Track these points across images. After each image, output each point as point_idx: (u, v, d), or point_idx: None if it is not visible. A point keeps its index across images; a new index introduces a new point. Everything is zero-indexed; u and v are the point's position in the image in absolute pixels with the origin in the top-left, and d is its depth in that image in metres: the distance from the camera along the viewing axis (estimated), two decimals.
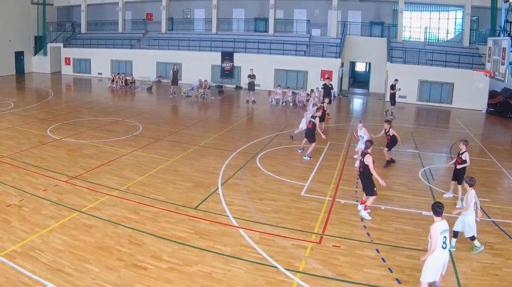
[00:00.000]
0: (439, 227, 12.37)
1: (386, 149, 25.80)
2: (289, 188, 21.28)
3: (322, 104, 31.23)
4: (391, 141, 25.55)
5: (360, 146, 24.69)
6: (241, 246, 15.42)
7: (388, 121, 25.88)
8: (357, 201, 20.03)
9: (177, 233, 16.06)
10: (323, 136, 26.94)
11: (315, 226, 17.39)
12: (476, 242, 15.75)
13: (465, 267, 14.77)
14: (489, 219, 18.79)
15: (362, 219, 18.16)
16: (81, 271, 13.15)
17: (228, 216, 17.80)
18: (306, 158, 26.10)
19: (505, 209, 20.22)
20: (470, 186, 15.69)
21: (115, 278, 12.95)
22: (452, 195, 21.09)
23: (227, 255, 14.68)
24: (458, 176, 20.30)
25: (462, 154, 20.37)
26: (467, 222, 15.52)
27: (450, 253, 14.71)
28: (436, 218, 12.53)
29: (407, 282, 13.69)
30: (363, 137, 25.05)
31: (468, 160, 20.21)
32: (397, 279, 13.75)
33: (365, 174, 18.36)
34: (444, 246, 12.38)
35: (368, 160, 17.85)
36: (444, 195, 21.26)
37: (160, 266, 13.75)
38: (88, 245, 14.77)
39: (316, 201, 20.00)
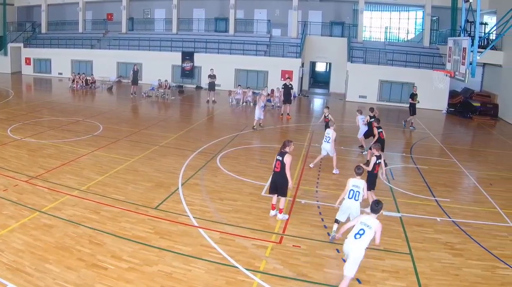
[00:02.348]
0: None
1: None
2: (249, 188, 21.33)
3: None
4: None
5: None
6: (202, 246, 15.43)
7: (327, 107, 26.69)
8: (317, 201, 20.28)
9: (138, 233, 16.03)
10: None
11: (276, 226, 17.46)
12: (335, 226, 16.62)
13: (425, 267, 14.94)
14: (450, 219, 19.11)
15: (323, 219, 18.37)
16: (41, 271, 13.09)
17: (188, 216, 17.80)
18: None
19: (465, 209, 20.52)
20: (357, 174, 16.67)
21: (76, 278, 12.90)
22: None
23: (187, 255, 14.68)
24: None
25: None
26: (342, 206, 16.71)
27: (411, 255, 15.13)
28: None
29: (367, 282, 13.86)
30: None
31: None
32: (357, 279, 13.85)
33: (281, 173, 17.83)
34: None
35: (287, 159, 17.64)
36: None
37: (121, 266, 13.71)
38: (49, 245, 14.68)
39: None
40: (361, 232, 12.85)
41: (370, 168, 19.38)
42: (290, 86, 40.11)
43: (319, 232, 17.16)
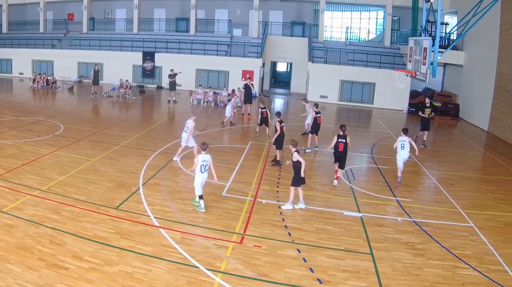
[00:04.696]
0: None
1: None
2: (210, 188, 21.18)
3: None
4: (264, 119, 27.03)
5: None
6: (163, 246, 15.52)
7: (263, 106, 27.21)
8: (278, 201, 20.45)
9: (98, 233, 16.04)
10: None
11: (237, 226, 17.61)
12: (201, 201, 18.84)
13: (386, 267, 15.15)
14: (411, 219, 19.47)
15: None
16: (2, 271, 13.08)
17: (149, 216, 17.88)
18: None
19: (426, 209, 20.88)
20: (203, 149, 18.73)
21: (36, 278, 12.90)
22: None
23: (148, 255, 14.75)
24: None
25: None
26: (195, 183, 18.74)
27: (372, 255, 15.32)
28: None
29: (328, 282, 13.99)
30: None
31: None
32: (318, 279, 14.03)
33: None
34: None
35: (349, 139, 20.82)
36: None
37: (82, 266, 13.71)
38: (9, 245, 14.64)
39: (238, 201, 20.26)
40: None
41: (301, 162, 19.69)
42: (251, 86, 40.18)
43: (280, 232, 17.32)
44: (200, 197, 18.81)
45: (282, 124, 26.03)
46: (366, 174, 26.70)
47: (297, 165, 19.41)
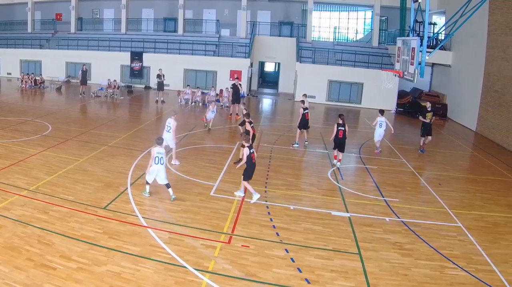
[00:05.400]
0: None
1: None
2: (198, 187, 21.43)
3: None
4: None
5: None
6: (150, 246, 15.49)
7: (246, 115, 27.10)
8: (266, 201, 20.44)
9: (86, 233, 15.99)
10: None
11: (225, 226, 17.60)
12: (147, 186, 20.13)
13: (374, 267, 15.17)
14: (399, 219, 19.50)
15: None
16: None
17: (137, 216, 17.85)
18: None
19: (414, 209, 20.90)
20: (158, 144, 19.90)
21: (24, 278, 12.85)
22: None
23: (136, 255, 14.72)
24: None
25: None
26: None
27: (360, 255, 15.33)
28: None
29: (316, 282, 14.01)
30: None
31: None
32: (306, 279, 14.04)
33: None
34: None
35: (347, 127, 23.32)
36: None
37: (69, 266, 13.66)
38: None
39: (225, 201, 20.25)
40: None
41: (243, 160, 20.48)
42: (239, 86, 40.22)
43: (268, 232, 17.33)
44: (147, 183, 19.97)
45: (252, 125, 26.19)
46: (354, 174, 26.75)
47: (248, 159, 20.13)
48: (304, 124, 30.72)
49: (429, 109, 32.15)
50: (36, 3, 68.67)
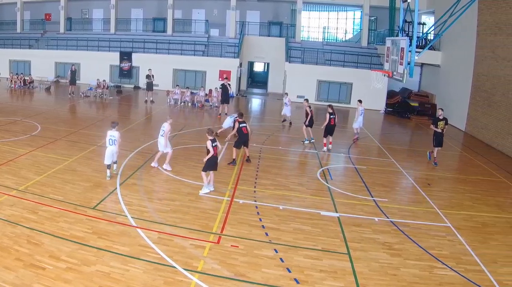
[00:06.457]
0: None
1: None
2: (187, 187, 21.43)
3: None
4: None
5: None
6: (140, 246, 15.46)
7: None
8: (255, 201, 20.45)
9: (76, 233, 15.93)
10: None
11: (214, 226, 17.57)
12: (108, 170, 21.93)
13: (363, 267, 15.16)
14: (388, 219, 19.53)
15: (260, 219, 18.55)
16: None
17: (126, 216, 17.81)
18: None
19: (403, 209, 20.96)
20: (112, 127, 22.08)
21: (14, 278, 12.80)
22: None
23: (125, 255, 14.68)
24: None
25: None
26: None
27: (349, 255, 15.34)
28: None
29: (305, 282, 14.00)
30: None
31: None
32: (295, 279, 14.03)
33: None
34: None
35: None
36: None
37: (59, 266, 13.61)
38: None
39: (215, 201, 20.24)
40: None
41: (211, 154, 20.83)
42: (228, 86, 40.27)
43: (257, 232, 17.34)
44: (108, 167, 21.96)
45: (243, 125, 26.36)
46: (343, 174, 26.79)
47: (208, 152, 20.58)
48: (312, 122, 32.01)
49: (441, 117, 29.34)
50: (25, 3, 68.50)
